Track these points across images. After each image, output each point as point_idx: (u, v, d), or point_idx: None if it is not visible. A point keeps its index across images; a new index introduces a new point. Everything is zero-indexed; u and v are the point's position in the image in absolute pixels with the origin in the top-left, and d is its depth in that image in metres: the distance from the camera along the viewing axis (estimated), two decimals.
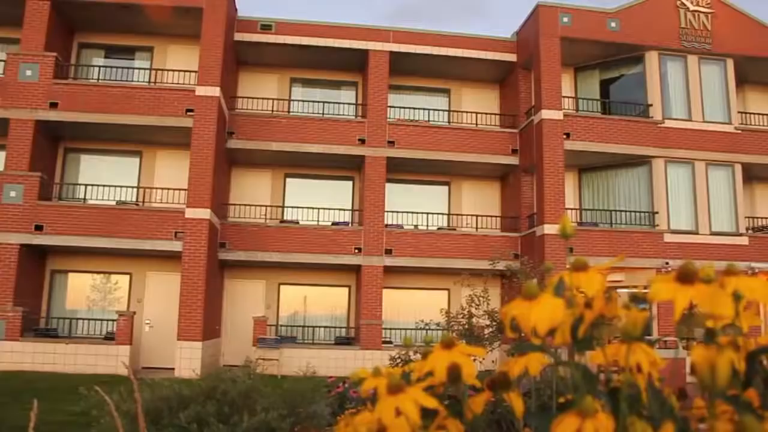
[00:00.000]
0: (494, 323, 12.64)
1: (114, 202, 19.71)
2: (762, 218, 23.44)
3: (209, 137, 18.97)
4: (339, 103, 22.87)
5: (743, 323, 1.38)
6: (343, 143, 21.14)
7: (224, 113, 20.30)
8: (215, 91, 19.22)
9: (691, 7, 22.13)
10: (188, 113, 19.11)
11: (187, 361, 17.31)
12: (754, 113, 23.54)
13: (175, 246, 18.47)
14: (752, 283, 1.14)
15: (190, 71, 20.16)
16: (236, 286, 21.60)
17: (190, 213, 18.53)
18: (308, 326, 21.67)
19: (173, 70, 20.57)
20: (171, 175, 20.47)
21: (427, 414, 1.12)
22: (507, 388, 1.27)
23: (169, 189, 20.06)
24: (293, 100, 22.95)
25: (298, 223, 21.34)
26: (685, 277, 0.98)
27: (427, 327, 12.94)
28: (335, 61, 22.71)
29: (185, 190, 19.01)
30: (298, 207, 21.82)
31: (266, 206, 21.83)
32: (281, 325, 21.57)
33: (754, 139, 22.08)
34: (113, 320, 18.42)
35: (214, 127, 19.06)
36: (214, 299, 19.98)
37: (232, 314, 21.19)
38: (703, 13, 22.19)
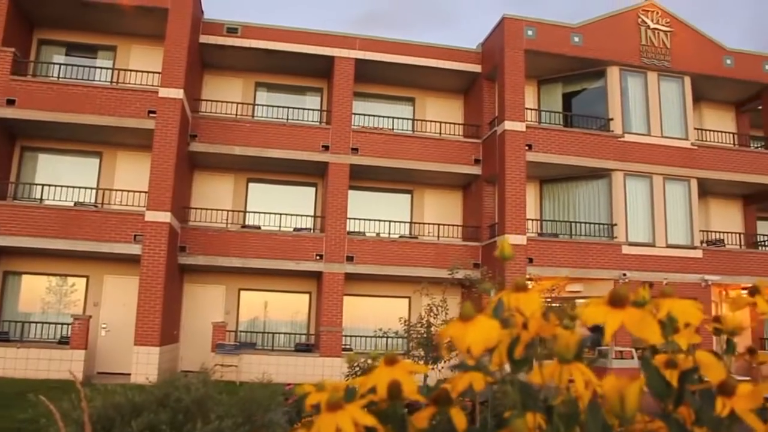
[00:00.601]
0: None
1: (72, 203, 19.34)
2: (715, 232, 24.02)
3: (171, 140, 18.76)
4: (303, 108, 22.81)
5: (682, 341, 1.42)
6: (307, 149, 21.10)
7: (187, 116, 20.11)
8: (178, 93, 19.04)
9: (652, 25, 22.63)
10: (150, 115, 18.88)
11: (143, 366, 17.06)
12: (709, 130, 24.17)
13: (134, 249, 18.20)
14: (684, 305, 1.18)
15: (153, 72, 19.92)
16: (196, 290, 21.35)
17: (150, 216, 18.28)
18: (268, 332, 21.52)
19: (136, 71, 20.31)
20: (131, 177, 20.19)
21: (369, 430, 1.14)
22: (448, 404, 1.30)
23: (129, 191, 19.78)
24: (257, 105, 22.83)
25: (259, 228, 21.20)
26: (616, 301, 1.01)
27: (386, 335, 12.95)
28: (301, 67, 22.66)
29: (146, 192, 18.77)
30: (260, 212, 21.70)
31: (228, 211, 21.65)
32: (241, 331, 21.38)
33: (709, 155, 22.63)
34: (68, 324, 18.02)
35: (177, 129, 18.86)
36: (173, 304, 19.72)
37: (191, 319, 20.94)
38: (663, 31, 22.71)
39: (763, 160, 23.42)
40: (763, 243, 24.68)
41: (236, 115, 21.85)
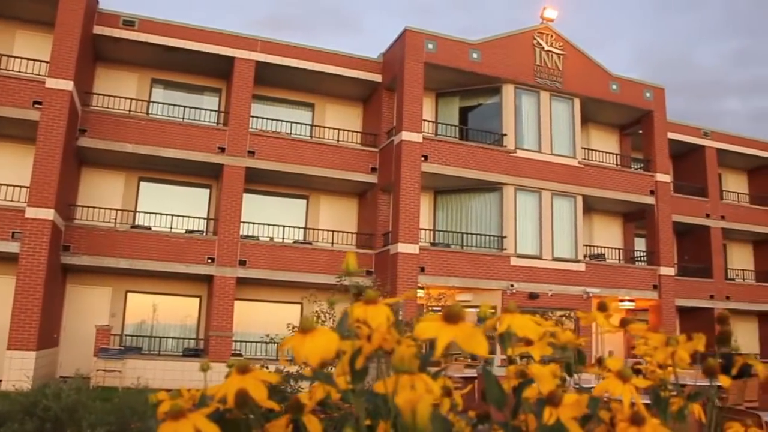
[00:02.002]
0: None
1: None
2: (598, 247, 25.28)
3: (58, 133, 17.89)
4: (201, 108, 22.32)
5: (535, 353, 1.52)
6: (202, 150, 20.66)
7: (77, 109, 19.25)
8: (68, 85, 18.20)
9: (546, 47, 23.60)
10: (36, 106, 17.95)
11: (17, 372, 16.10)
12: (595, 150, 25.46)
13: (12, 247, 17.21)
14: (523, 320, 1.27)
15: (40, 61, 18.94)
16: (79, 292, 20.45)
17: (31, 212, 17.34)
18: (156, 336, 20.90)
19: (21, 58, 19.21)
20: (11, 171, 19.09)
21: None
22: (300, 412, 1.34)
23: (8, 185, 18.68)
24: (153, 102, 22.15)
25: (150, 229, 20.55)
26: (450, 317, 1.08)
27: (272, 341, 12.83)
28: (199, 66, 22.20)
29: (27, 187, 17.79)
30: (151, 213, 21.03)
31: (117, 210, 20.87)
32: (126, 335, 20.66)
33: (594, 174, 23.82)
34: None
35: (65, 122, 18.01)
36: (53, 306, 18.77)
37: (73, 322, 20.01)
38: (556, 54, 23.73)
39: (641, 180, 24.89)
40: (639, 258, 26.16)
41: (130, 111, 21.12)
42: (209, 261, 20.13)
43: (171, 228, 20.86)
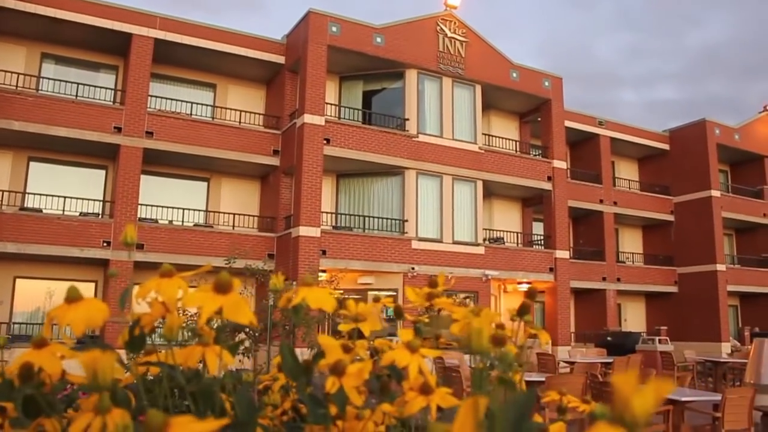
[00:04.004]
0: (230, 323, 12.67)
1: None
2: (497, 230, 26.01)
3: None
4: (96, 86, 21.40)
5: (365, 329, 1.58)
6: (97, 129, 19.89)
7: None
8: None
9: (449, 34, 23.95)
10: None
11: None
12: (495, 136, 26.12)
13: None
14: (319, 293, 1.32)
15: None
16: None
17: None
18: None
19: None
20: None
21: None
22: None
23: None
24: (43, 78, 21.11)
25: (41, 211, 19.66)
26: (220, 287, 1.12)
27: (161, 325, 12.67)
28: (95, 41, 21.31)
29: None
30: (41, 194, 20.09)
31: (4, 191, 19.85)
32: (15, 323, 19.74)
33: (494, 159, 24.44)
34: None
35: None
36: None
37: None
38: (459, 40, 24.12)
39: (539, 166, 25.75)
40: (536, 242, 27.10)
41: (17, 86, 20.04)
42: (105, 245, 19.47)
43: (64, 210, 20.02)
